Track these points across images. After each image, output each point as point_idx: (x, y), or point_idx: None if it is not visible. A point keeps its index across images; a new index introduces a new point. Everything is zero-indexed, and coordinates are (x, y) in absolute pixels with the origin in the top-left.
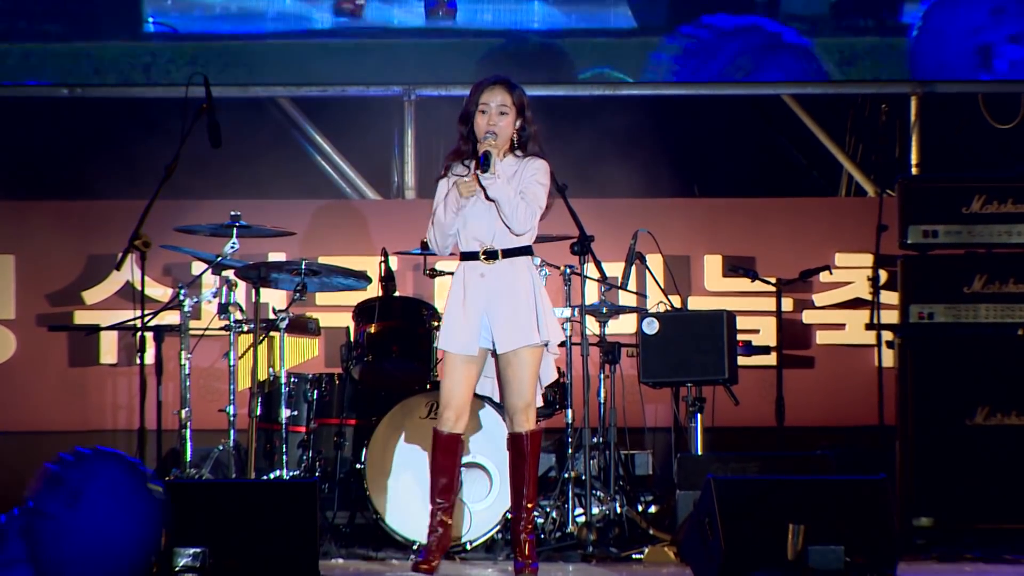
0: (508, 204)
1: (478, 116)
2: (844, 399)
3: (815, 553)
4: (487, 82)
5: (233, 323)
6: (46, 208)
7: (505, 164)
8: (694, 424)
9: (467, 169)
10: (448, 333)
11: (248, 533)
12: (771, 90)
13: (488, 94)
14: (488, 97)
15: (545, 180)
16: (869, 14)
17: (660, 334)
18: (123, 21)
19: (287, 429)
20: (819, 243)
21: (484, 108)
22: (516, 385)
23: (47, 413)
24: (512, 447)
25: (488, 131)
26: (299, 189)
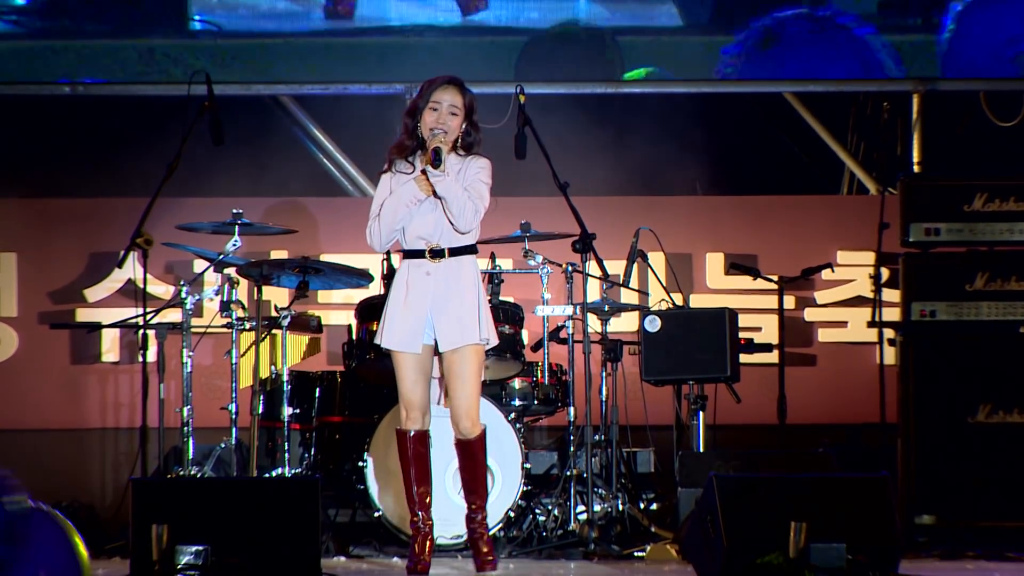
0: (456, 202)
1: (427, 113)
2: (846, 397)
3: (817, 551)
4: (441, 80)
5: (235, 321)
6: (48, 206)
7: (449, 162)
8: (696, 422)
9: (411, 166)
10: (391, 330)
11: (250, 531)
12: (773, 88)
13: (441, 92)
14: (441, 96)
15: (488, 179)
16: (917, 12)
17: (662, 332)
18: (169, 19)
19: (289, 427)
20: (821, 241)
21: (435, 106)
22: (460, 385)
23: (49, 411)
24: (461, 453)
25: (437, 128)
26: (301, 187)
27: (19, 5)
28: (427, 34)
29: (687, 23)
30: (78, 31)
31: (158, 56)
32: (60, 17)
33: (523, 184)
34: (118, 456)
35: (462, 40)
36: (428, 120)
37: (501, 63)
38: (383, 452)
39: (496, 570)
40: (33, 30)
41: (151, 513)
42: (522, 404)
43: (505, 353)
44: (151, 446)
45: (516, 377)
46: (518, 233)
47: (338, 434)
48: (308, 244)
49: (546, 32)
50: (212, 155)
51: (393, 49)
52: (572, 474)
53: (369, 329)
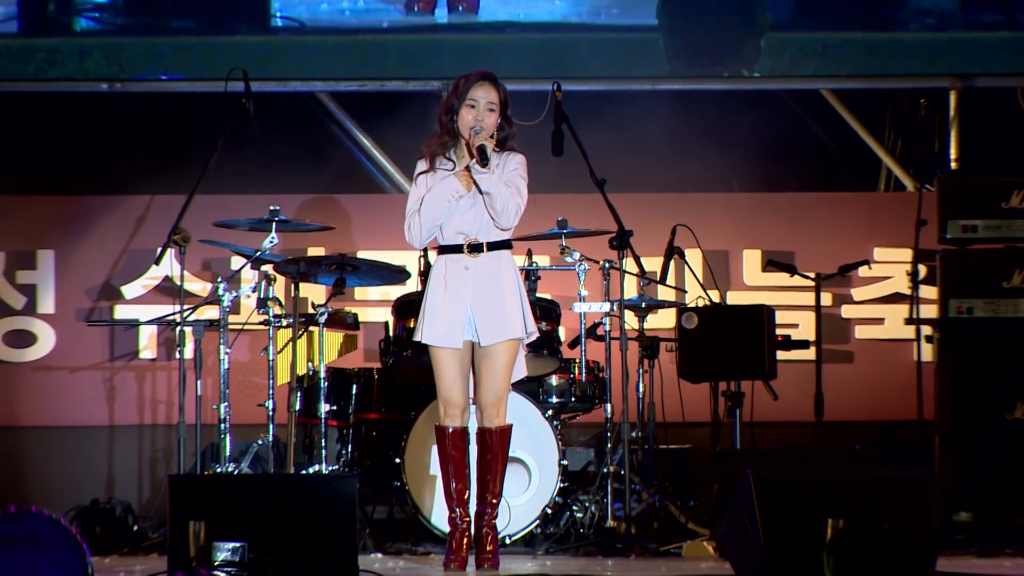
0: (500, 198)
1: (465, 110)
2: (883, 394)
3: None
4: (475, 77)
5: (272, 318)
6: (86, 203)
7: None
8: (733, 419)
9: (451, 162)
10: (431, 326)
11: (287, 528)
12: (809, 84)
13: (478, 89)
14: (477, 92)
15: (525, 175)
16: (998, 9)
17: (699, 329)
18: (253, 16)
19: (326, 424)
20: (858, 238)
21: (473, 103)
22: (491, 379)
23: (86, 408)
24: (480, 442)
25: (475, 124)
26: (338, 183)
27: (101, 2)
28: (508, 30)
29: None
30: (162, 28)
31: (238, 52)
32: (144, 14)
33: (560, 181)
34: (155, 453)
35: (554, 37)
36: (466, 117)
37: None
38: (420, 448)
39: (496, 570)
40: (115, 27)
41: (188, 510)
42: (559, 401)
43: (542, 350)
44: (188, 443)
45: (553, 374)
46: (555, 230)
47: (375, 431)
48: (345, 241)
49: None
50: (249, 152)
51: (478, 46)
52: (609, 471)
53: (406, 326)
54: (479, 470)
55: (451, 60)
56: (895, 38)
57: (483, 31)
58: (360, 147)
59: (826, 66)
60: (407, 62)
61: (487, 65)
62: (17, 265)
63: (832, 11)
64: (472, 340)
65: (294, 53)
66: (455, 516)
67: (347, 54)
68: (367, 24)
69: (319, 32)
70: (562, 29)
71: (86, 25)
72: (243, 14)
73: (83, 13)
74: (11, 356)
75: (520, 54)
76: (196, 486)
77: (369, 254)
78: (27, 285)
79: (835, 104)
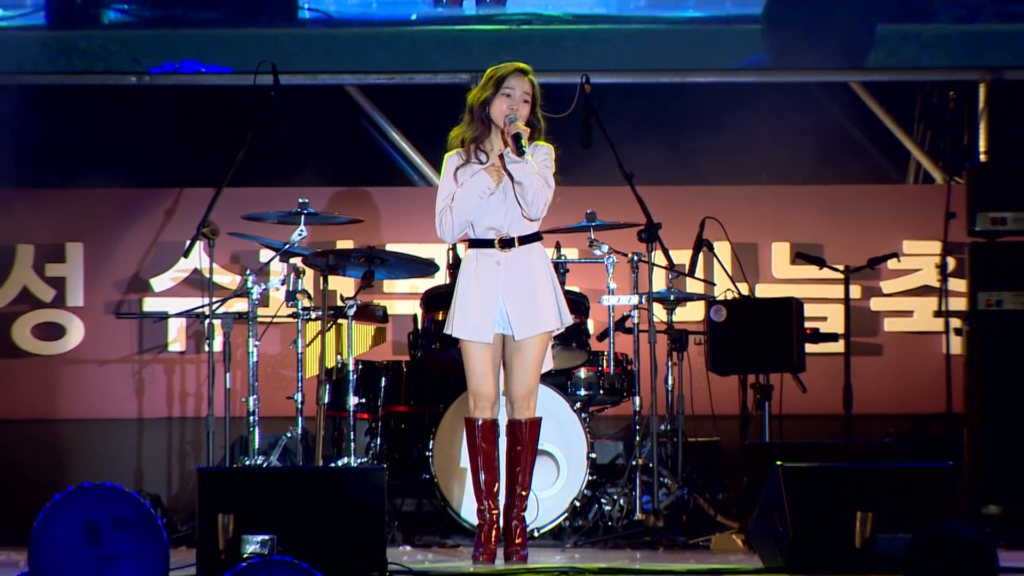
0: (531, 188)
1: (500, 100)
2: (912, 386)
3: (883, 541)
4: (512, 68)
5: (301, 310)
6: (114, 195)
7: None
8: (762, 412)
9: (485, 155)
10: (463, 320)
11: (316, 520)
12: (838, 77)
13: (514, 79)
14: (514, 82)
15: (553, 165)
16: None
17: (727, 322)
18: (281, 8)
19: (355, 416)
20: (887, 230)
21: (509, 92)
22: (522, 372)
23: (115, 400)
24: (510, 434)
25: (511, 113)
26: (367, 176)
27: None
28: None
29: None
30: (190, 20)
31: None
32: (171, 6)
33: (588, 173)
34: (184, 446)
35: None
36: (501, 107)
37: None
38: (449, 441)
39: (525, 562)
40: (143, 19)
41: (217, 503)
42: (588, 394)
43: (571, 343)
44: (217, 436)
45: (582, 367)
46: (583, 223)
47: (404, 423)
48: (373, 234)
49: None
50: (278, 145)
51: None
52: (638, 464)
53: (435, 319)
54: (508, 463)
55: (479, 52)
56: (924, 30)
57: (511, 23)
58: (388, 140)
59: (855, 58)
60: (435, 54)
61: (515, 57)
62: (46, 258)
63: (859, 3)
64: (503, 334)
65: (322, 46)
66: (484, 509)
67: (375, 47)
68: (395, 16)
69: (347, 24)
70: (590, 21)
71: (114, 17)
72: (271, 6)
73: (111, 5)
74: (40, 349)
75: (548, 46)
76: (225, 479)
77: (398, 247)
78: (56, 278)
79: (864, 97)
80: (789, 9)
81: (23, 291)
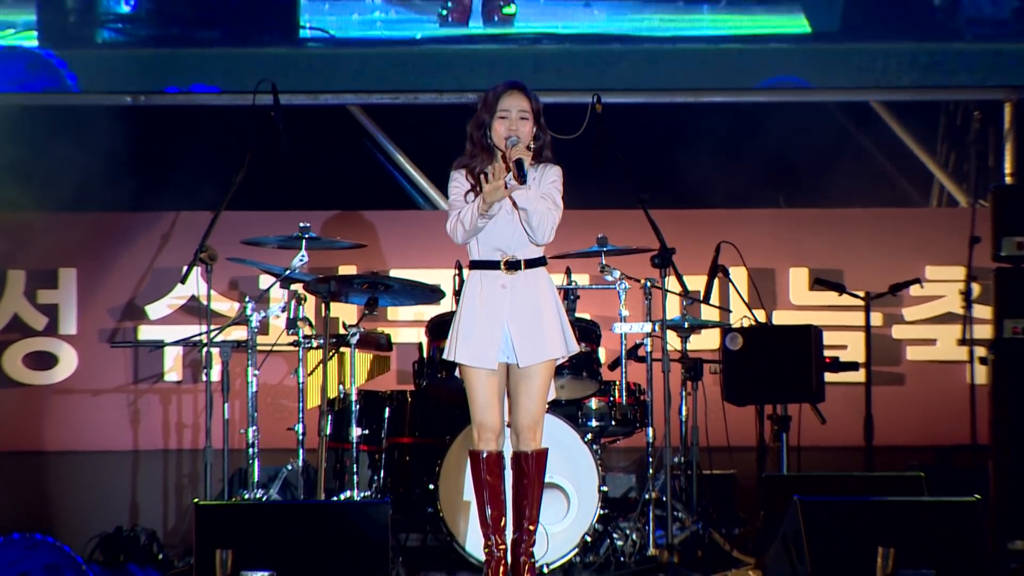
0: (536, 213)
1: (497, 123)
2: (935, 417)
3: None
4: (504, 87)
5: (302, 339)
6: (109, 219)
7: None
8: (779, 443)
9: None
10: (465, 344)
11: (318, 556)
12: (859, 96)
13: (508, 99)
14: (508, 102)
15: (561, 188)
16: None
17: (744, 350)
18: (281, 27)
19: (358, 448)
20: (909, 255)
21: (504, 114)
22: (527, 401)
23: (110, 432)
24: (516, 466)
25: (510, 135)
26: (370, 199)
27: (124, 13)
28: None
29: (817, 31)
30: (187, 39)
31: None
32: (168, 25)
33: (600, 196)
34: (181, 479)
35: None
36: (500, 129)
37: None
38: (455, 474)
39: None
40: (138, 39)
41: (215, 538)
42: (599, 425)
43: (581, 372)
44: (215, 468)
45: (593, 397)
46: (595, 247)
47: (408, 456)
48: (377, 259)
49: None
50: (278, 167)
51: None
52: (651, 497)
53: (440, 347)
54: (515, 496)
55: (486, 72)
56: (948, 48)
57: (519, 42)
58: (392, 162)
59: (876, 77)
60: (441, 74)
61: (524, 77)
62: (39, 284)
63: (881, 22)
64: (508, 361)
65: (324, 65)
66: (491, 544)
67: (379, 66)
68: (399, 35)
69: (349, 44)
70: (602, 40)
71: (109, 37)
72: (271, 25)
73: (106, 25)
74: (32, 378)
75: (558, 66)
76: (223, 513)
77: (402, 272)
78: (49, 305)
79: (885, 116)
80: (862, 26)
81: (14, 318)
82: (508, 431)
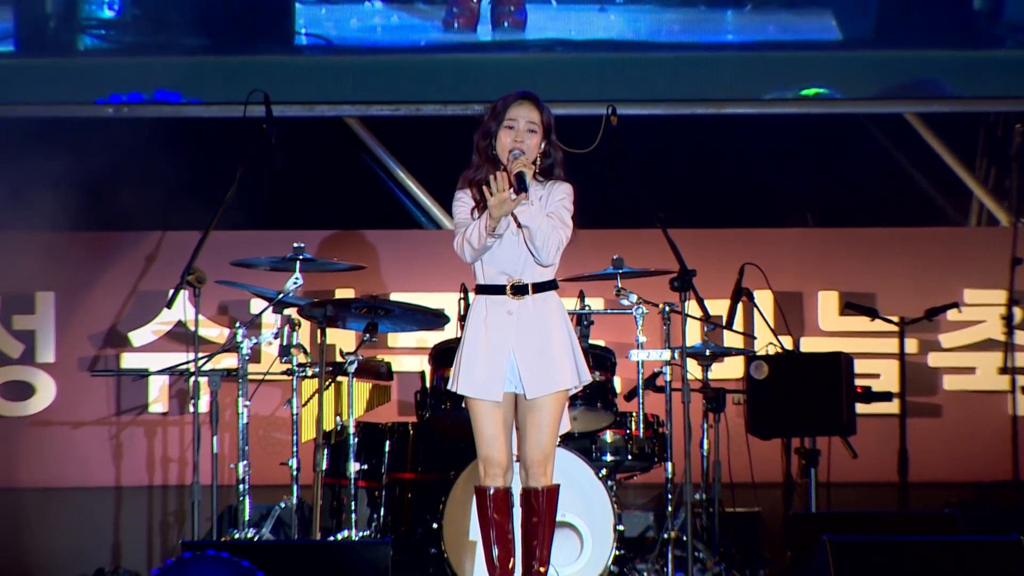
0: (540, 232)
1: (503, 132)
2: (974, 451)
3: None
4: (514, 96)
5: (296, 367)
6: (90, 239)
7: (530, 190)
8: (807, 479)
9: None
10: (469, 375)
11: None
12: (892, 108)
13: (516, 108)
14: (516, 112)
15: (571, 206)
16: None
17: (769, 379)
18: (275, 34)
19: (356, 485)
20: (946, 278)
21: (512, 124)
22: (537, 434)
23: (90, 467)
24: (525, 504)
25: (514, 148)
26: (369, 218)
27: (108, 18)
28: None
29: (848, 37)
30: (174, 47)
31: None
32: (154, 31)
33: (614, 215)
34: (166, 517)
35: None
36: (504, 140)
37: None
38: (460, 512)
39: None
40: (122, 46)
41: None
42: (614, 459)
43: (596, 403)
44: (203, 506)
45: (607, 429)
46: (610, 270)
47: (410, 492)
48: (376, 282)
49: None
50: (271, 183)
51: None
52: (670, 537)
53: (445, 376)
54: (524, 536)
55: (494, 81)
56: (988, 56)
57: (530, 50)
58: (393, 178)
59: (911, 88)
60: (446, 84)
61: (535, 87)
62: (14, 309)
63: (917, 27)
64: (515, 392)
65: (320, 74)
66: None
67: (379, 75)
68: (401, 42)
69: (348, 51)
70: (618, 48)
71: (91, 44)
72: (264, 31)
73: (87, 31)
74: (7, 410)
75: (571, 75)
76: None
77: (403, 296)
78: (25, 331)
79: (921, 130)
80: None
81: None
82: (517, 466)
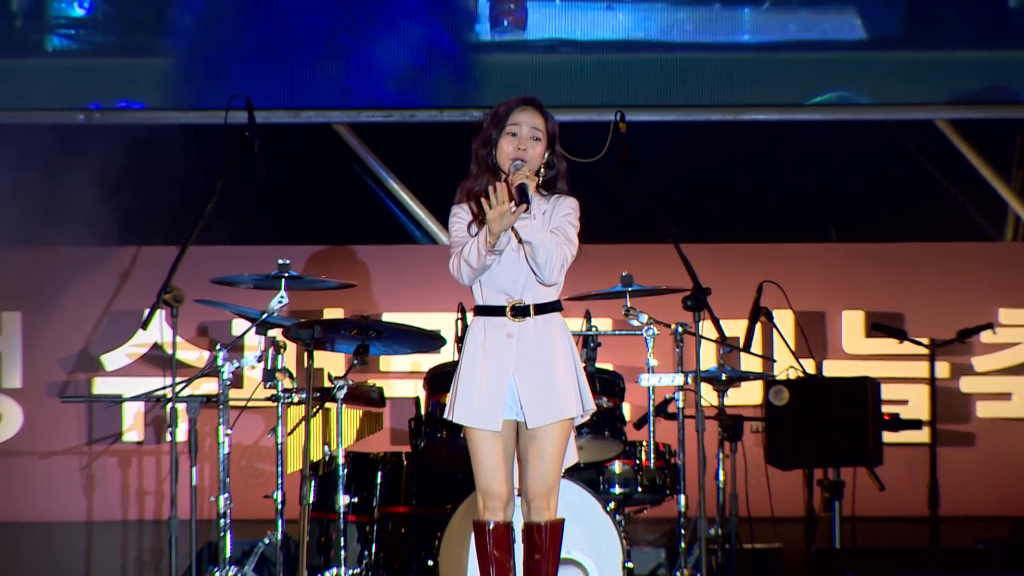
0: (543, 248)
1: (505, 140)
2: (1010, 483)
3: None
4: (517, 101)
5: (281, 393)
6: (59, 255)
7: (532, 203)
8: (831, 513)
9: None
10: (466, 403)
11: None
12: (922, 114)
13: (520, 114)
14: (519, 118)
15: (577, 222)
16: None
17: (790, 405)
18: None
19: (346, 519)
20: (980, 296)
21: (515, 130)
22: (539, 465)
23: (60, 499)
24: (527, 539)
25: (516, 158)
26: (359, 233)
27: (78, 17)
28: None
29: (874, 37)
30: (150, 47)
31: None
32: (128, 31)
33: (623, 229)
34: (142, 554)
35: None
36: (506, 148)
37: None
38: (458, 548)
39: None
40: (94, 47)
41: None
42: (623, 491)
43: (603, 431)
44: (181, 542)
45: (616, 459)
46: (618, 287)
47: (404, 527)
48: (367, 301)
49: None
50: (253, 195)
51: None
52: (683, 574)
53: (441, 402)
54: (526, 573)
55: (493, 85)
56: (1023, 58)
57: (532, 51)
58: (385, 189)
59: (942, 92)
60: (441, 88)
61: (537, 91)
62: None
63: (948, 27)
64: (515, 420)
65: (306, 78)
66: None
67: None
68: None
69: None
70: (626, 48)
71: (60, 44)
72: (246, 32)
73: (57, 30)
74: None
75: (576, 78)
76: None
77: (396, 316)
78: None
79: (953, 137)
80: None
81: None
82: (518, 499)
